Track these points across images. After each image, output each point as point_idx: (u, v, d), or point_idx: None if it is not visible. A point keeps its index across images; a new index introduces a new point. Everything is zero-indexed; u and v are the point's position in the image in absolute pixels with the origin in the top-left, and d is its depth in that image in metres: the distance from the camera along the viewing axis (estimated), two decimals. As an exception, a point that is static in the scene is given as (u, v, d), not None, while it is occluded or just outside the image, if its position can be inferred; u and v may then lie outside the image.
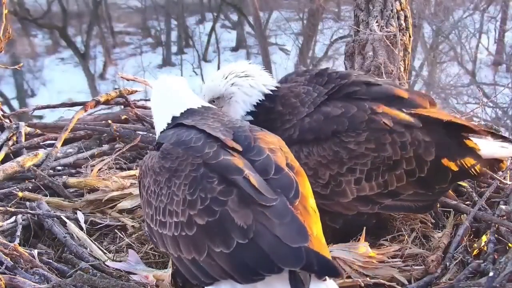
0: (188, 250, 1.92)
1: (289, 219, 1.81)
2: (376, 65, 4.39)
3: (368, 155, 2.59)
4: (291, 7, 24.02)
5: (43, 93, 21.38)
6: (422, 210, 2.84)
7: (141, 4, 26.04)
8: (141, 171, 2.29)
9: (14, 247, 2.57)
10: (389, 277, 2.47)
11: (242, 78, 2.78)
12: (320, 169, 2.58)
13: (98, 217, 3.11)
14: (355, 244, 2.57)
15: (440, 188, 2.75)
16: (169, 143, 2.17)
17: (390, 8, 4.80)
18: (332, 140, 2.59)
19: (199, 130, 2.17)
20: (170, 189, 2.02)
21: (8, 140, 3.80)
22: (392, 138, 2.60)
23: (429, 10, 17.56)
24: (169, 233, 2.00)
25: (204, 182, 1.93)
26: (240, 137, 2.11)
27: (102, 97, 4.35)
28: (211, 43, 24.98)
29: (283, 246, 1.74)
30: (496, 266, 2.37)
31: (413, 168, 2.63)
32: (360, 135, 2.59)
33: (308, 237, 1.77)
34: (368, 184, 2.61)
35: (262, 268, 1.75)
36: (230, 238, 1.80)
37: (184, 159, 2.04)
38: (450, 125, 2.74)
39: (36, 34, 24.53)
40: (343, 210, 2.68)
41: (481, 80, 18.28)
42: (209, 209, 1.87)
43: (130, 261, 2.67)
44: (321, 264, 1.72)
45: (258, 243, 1.77)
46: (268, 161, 2.01)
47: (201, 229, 1.88)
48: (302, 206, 1.91)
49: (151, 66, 23.39)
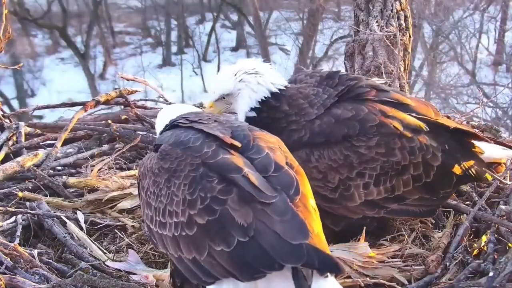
0: (189, 250, 1.92)
1: (290, 216, 1.81)
2: (376, 65, 4.39)
3: (377, 159, 2.58)
4: (291, 7, 24.02)
5: (43, 93, 21.38)
6: (426, 215, 2.85)
7: (141, 4, 26.03)
8: (140, 172, 2.29)
9: (14, 247, 2.57)
10: (389, 277, 2.47)
11: (250, 75, 2.77)
12: (330, 173, 2.57)
13: (98, 217, 3.11)
14: (355, 244, 2.57)
15: (444, 192, 2.75)
16: (167, 144, 2.17)
17: (390, 8, 4.81)
18: (343, 144, 2.58)
19: (197, 130, 2.17)
20: (170, 190, 2.01)
21: (8, 140, 3.80)
22: (401, 143, 2.60)
23: (429, 10, 17.56)
24: (169, 233, 1.99)
25: (203, 182, 1.93)
26: (239, 136, 2.11)
27: (102, 97, 4.35)
28: (211, 43, 24.98)
29: (283, 243, 1.74)
30: (496, 266, 2.37)
31: (420, 173, 2.64)
32: (371, 139, 2.58)
33: (308, 234, 1.77)
34: (376, 188, 2.60)
35: (263, 265, 1.75)
36: (230, 237, 1.80)
37: (183, 159, 2.04)
38: (455, 131, 2.75)
39: (36, 34, 24.52)
40: (349, 214, 2.67)
41: (481, 80, 18.29)
42: (209, 208, 1.87)
43: (130, 261, 2.67)
44: (322, 260, 1.72)
45: (258, 240, 1.77)
46: (268, 159, 2.00)
47: (201, 229, 1.88)
48: (302, 204, 1.91)
49: (151, 66, 23.40)
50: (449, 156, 2.69)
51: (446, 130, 2.73)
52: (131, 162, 3.87)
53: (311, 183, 2.17)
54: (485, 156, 2.81)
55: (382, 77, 4.22)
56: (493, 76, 19.15)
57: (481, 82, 17.90)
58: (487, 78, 18.76)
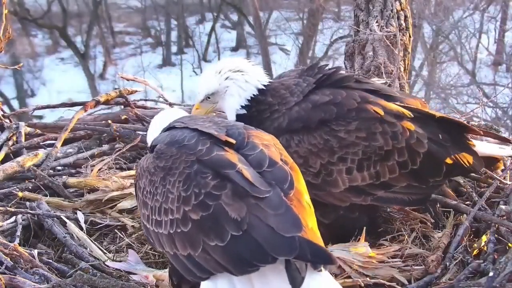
0: (184, 246, 1.94)
1: (283, 210, 1.83)
2: (376, 65, 4.39)
3: (358, 144, 2.59)
4: (291, 7, 24.03)
5: (43, 93, 21.39)
6: (416, 204, 2.84)
7: (141, 4, 26.05)
8: (137, 173, 2.31)
9: (14, 247, 2.57)
10: (389, 277, 2.47)
11: (236, 72, 2.80)
12: (311, 157, 2.60)
13: (98, 217, 3.11)
14: (355, 244, 2.57)
15: (434, 181, 2.75)
16: (163, 144, 2.20)
17: (390, 8, 4.81)
18: (322, 128, 2.61)
19: (192, 129, 2.20)
20: (165, 188, 2.03)
21: (8, 140, 3.80)
22: (383, 127, 2.61)
23: (429, 10, 17.57)
24: (165, 231, 2.01)
25: (198, 178, 1.95)
26: (234, 133, 2.14)
27: (102, 97, 4.35)
28: (211, 43, 24.99)
29: (276, 236, 1.75)
30: (496, 266, 2.37)
31: (405, 160, 2.63)
32: (350, 123, 2.60)
33: (302, 227, 1.78)
34: (359, 174, 2.61)
35: (256, 258, 1.77)
36: (224, 231, 1.82)
37: (178, 157, 2.06)
38: (442, 121, 2.76)
39: (36, 34, 24.54)
40: (336, 202, 2.68)
41: (481, 80, 18.29)
42: (203, 203, 1.89)
43: (130, 261, 2.68)
44: (315, 252, 1.73)
45: (252, 234, 1.78)
46: (262, 155, 2.02)
47: (195, 225, 1.90)
48: (296, 199, 1.93)
49: (151, 66, 23.41)
50: (438, 145, 2.69)
51: (432, 119, 2.74)
52: (131, 162, 3.87)
53: None
54: (479, 150, 2.81)
55: (382, 77, 4.22)
56: (493, 76, 19.15)
57: (481, 82, 17.91)
58: (487, 78, 18.76)
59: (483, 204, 2.96)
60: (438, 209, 3.11)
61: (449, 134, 2.75)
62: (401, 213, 3.07)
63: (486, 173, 3.29)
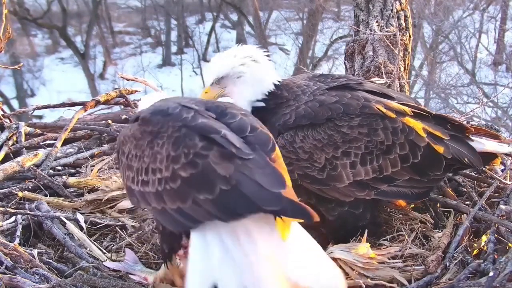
0: (173, 201, 2.01)
1: (269, 170, 1.95)
2: (376, 65, 4.39)
3: (361, 139, 2.67)
4: (291, 7, 24.05)
5: (43, 93, 21.41)
6: (418, 198, 2.88)
7: (141, 4, 26.07)
8: (120, 141, 2.38)
9: (14, 247, 2.56)
10: (389, 278, 2.47)
11: (253, 62, 2.80)
12: (315, 153, 2.66)
13: (98, 217, 3.10)
14: (356, 244, 2.57)
15: (434, 175, 2.80)
16: (147, 113, 2.26)
17: (390, 8, 4.82)
18: (327, 124, 2.68)
19: (174, 102, 2.28)
20: (153, 150, 2.11)
21: (8, 140, 3.80)
22: (384, 124, 2.69)
23: (429, 10, 17.59)
24: (153, 189, 2.08)
25: (186, 140, 2.03)
26: (212, 107, 2.24)
27: (102, 97, 4.35)
28: (211, 43, 25.01)
29: (263, 190, 1.87)
30: (496, 266, 2.37)
31: (407, 153, 2.71)
32: (353, 119, 2.68)
33: (285, 185, 1.91)
34: (363, 168, 2.67)
35: (244, 209, 1.87)
36: (214, 186, 1.90)
37: (165, 122, 2.14)
38: (438, 118, 2.85)
39: (36, 34, 24.56)
40: (340, 196, 2.72)
41: (481, 80, 18.29)
42: (193, 162, 1.97)
43: (128, 261, 2.67)
44: (295, 209, 1.84)
45: (240, 188, 1.88)
46: (243, 121, 2.14)
47: (185, 181, 1.97)
48: (278, 160, 2.04)
49: (151, 66, 23.45)
50: (437, 139, 2.76)
51: (429, 116, 2.83)
52: (131, 162, 3.86)
53: (298, 164, 2.50)
54: (476, 146, 2.86)
55: (382, 77, 4.22)
56: (493, 76, 19.15)
57: (481, 82, 17.91)
58: (487, 78, 18.76)
59: (483, 204, 2.96)
60: (438, 209, 3.12)
61: (445, 129, 2.82)
62: (401, 213, 3.08)
63: (486, 173, 3.29)
